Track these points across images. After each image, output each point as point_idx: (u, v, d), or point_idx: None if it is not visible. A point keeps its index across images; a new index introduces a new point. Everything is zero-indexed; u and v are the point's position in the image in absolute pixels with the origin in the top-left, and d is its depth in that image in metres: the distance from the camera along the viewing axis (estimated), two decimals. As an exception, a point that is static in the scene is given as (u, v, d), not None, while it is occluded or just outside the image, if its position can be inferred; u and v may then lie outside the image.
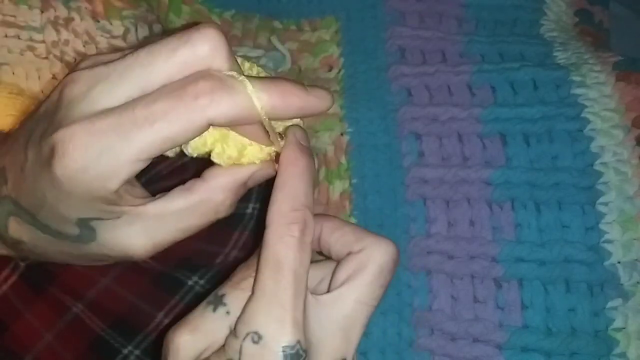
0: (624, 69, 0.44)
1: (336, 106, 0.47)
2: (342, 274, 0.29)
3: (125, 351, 0.47)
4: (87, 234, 0.29)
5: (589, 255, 0.40)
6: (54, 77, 0.51)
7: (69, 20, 0.52)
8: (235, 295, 0.28)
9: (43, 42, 0.51)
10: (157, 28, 0.55)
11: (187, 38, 0.26)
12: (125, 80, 0.26)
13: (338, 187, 0.46)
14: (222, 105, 0.26)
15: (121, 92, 0.26)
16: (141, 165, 0.27)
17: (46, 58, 0.51)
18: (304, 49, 0.50)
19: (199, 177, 0.30)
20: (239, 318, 0.27)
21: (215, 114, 0.25)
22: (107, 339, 0.47)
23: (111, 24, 0.52)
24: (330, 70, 0.49)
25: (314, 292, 0.29)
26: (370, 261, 0.29)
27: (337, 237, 0.30)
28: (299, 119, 0.31)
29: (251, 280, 0.28)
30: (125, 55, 0.27)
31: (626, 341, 0.39)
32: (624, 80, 0.44)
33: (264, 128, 0.28)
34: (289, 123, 0.31)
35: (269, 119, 0.27)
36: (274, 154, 0.30)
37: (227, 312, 0.28)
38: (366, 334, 0.41)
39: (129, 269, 0.49)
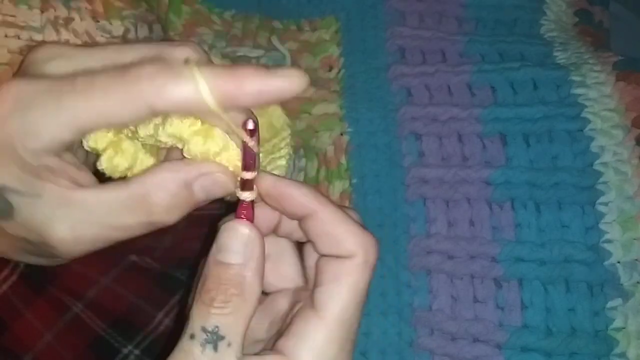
0: (624, 69, 0.44)
1: (336, 106, 0.47)
2: (327, 275, 0.27)
3: (125, 351, 0.47)
4: (3, 207, 0.26)
5: (589, 255, 0.40)
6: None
7: (69, 20, 0.52)
8: (227, 322, 0.26)
9: (43, 42, 0.51)
10: (157, 28, 0.55)
11: (158, 44, 0.26)
12: (80, 57, 0.26)
13: (338, 187, 0.46)
14: (165, 91, 0.24)
15: (72, 67, 0.25)
16: (68, 137, 0.25)
17: (46, 58, 0.51)
18: (304, 49, 0.50)
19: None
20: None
21: (156, 99, 0.24)
22: (107, 338, 0.47)
23: (111, 24, 0.52)
24: (330, 70, 0.49)
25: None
26: (352, 269, 0.27)
27: (327, 235, 0.28)
28: (276, 106, 0.29)
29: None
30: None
31: (626, 341, 0.39)
32: (624, 80, 0.44)
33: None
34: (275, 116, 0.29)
35: (225, 108, 0.24)
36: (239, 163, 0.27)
37: (229, 345, 0.26)
38: (366, 334, 0.42)
39: (129, 268, 0.49)
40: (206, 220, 0.51)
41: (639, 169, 0.41)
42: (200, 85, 0.23)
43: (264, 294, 0.31)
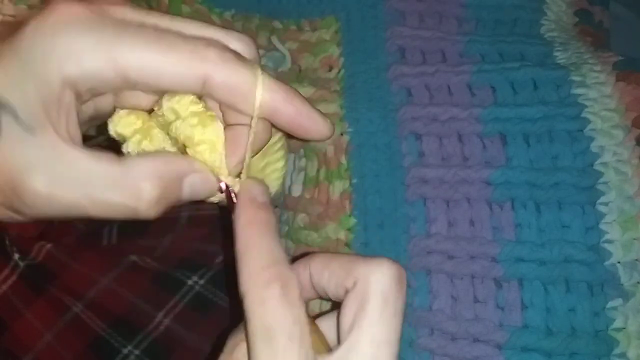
0: (624, 69, 0.44)
1: (336, 106, 0.47)
2: (346, 318, 0.25)
3: (125, 351, 0.47)
4: None
5: (589, 255, 0.40)
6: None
7: (69, 20, 0.52)
8: None
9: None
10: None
11: (222, 29, 0.26)
12: (156, 17, 0.25)
13: (338, 187, 0.46)
14: (226, 68, 0.24)
15: (144, 19, 0.25)
16: (107, 74, 0.23)
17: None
18: (304, 49, 0.50)
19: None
20: None
21: (216, 71, 0.24)
22: (107, 338, 0.47)
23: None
24: (330, 70, 0.49)
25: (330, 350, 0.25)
26: (369, 293, 0.25)
27: (328, 278, 0.26)
28: (280, 135, 0.29)
29: (244, 346, 0.25)
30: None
31: (626, 341, 0.39)
32: (624, 80, 0.44)
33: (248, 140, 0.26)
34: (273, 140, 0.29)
35: (264, 116, 0.26)
36: (223, 186, 0.27)
37: None
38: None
39: (129, 268, 0.49)
40: (206, 220, 0.51)
41: (639, 169, 0.41)
42: (259, 82, 0.25)
43: None
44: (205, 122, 0.26)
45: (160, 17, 0.26)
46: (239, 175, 0.27)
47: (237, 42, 0.26)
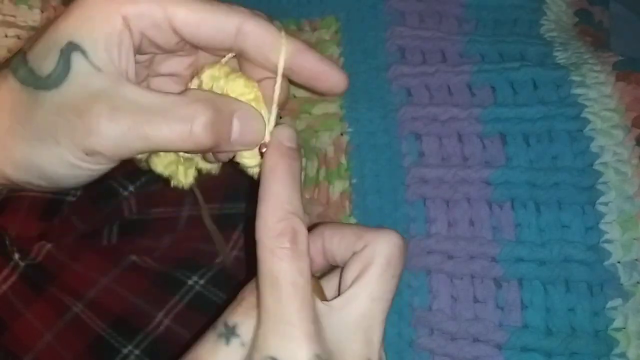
0: (624, 69, 0.44)
1: (336, 106, 0.47)
2: (349, 274, 0.28)
3: (125, 351, 0.47)
4: (61, 69, 0.26)
5: (589, 255, 0.40)
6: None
7: (69, 20, 0.52)
8: (248, 324, 0.27)
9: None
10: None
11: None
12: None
13: (338, 187, 0.46)
14: (258, 20, 0.28)
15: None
16: (156, 21, 0.27)
17: (46, 58, 0.51)
18: (304, 49, 0.50)
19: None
20: (251, 347, 0.26)
21: (249, 21, 0.27)
22: (107, 338, 0.47)
23: None
24: (330, 70, 0.49)
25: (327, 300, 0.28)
26: (375, 255, 0.28)
27: (338, 241, 0.29)
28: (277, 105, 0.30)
29: (251, 300, 0.27)
30: None
31: (626, 341, 0.39)
32: (624, 80, 0.44)
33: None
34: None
35: (287, 63, 0.28)
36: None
37: (242, 344, 0.26)
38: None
39: (129, 268, 0.49)
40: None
41: (639, 169, 0.41)
42: (283, 34, 0.28)
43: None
44: (248, 84, 0.29)
45: None
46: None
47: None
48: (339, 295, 0.28)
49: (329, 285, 0.30)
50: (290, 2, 0.52)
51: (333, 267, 0.31)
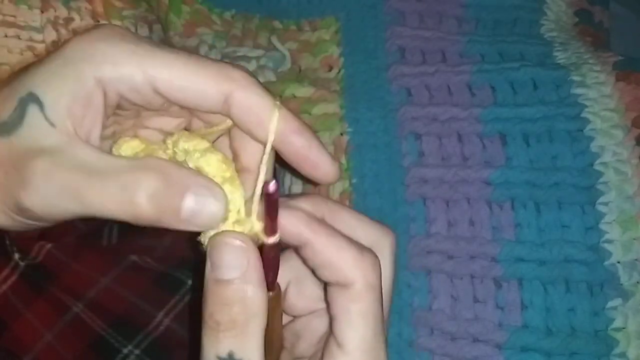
0: (624, 69, 0.44)
1: (336, 106, 0.47)
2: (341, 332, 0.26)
3: (126, 351, 0.47)
4: (16, 118, 0.25)
5: (589, 255, 0.40)
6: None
7: (69, 20, 0.52)
8: None
9: (43, 42, 0.51)
10: (157, 28, 0.55)
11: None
12: None
13: (338, 187, 0.46)
14: (249, 89, 0.26)
15: None
16: (135, 86, 0.25)
17: (46, 58, 0.51)
18: (304, 49, 0.50)
19: None
20: None
21: (239, 90, 0.26)
22: (107, 338, 0.47)
23: (111, 24, 0.52)
24: (330, 70, 0.49)
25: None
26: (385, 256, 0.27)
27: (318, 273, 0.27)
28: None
29: None
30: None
31: (626, 341, 0.39)
32: (624, 80, 0.44)
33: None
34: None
35: (274, 144, 0.26)
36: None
37: None
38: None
39: (129, 268, 0.49)
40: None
41: (639, 168, 0.41)
42: (276, 109, 0.26)
43: (295, 317, 0.31)
44: (235, 183, 0.26)
45: None
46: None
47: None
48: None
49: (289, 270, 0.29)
50: (290, 2, 0.52)
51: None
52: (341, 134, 0.47)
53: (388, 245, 0.29)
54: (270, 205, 0.24)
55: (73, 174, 0.24)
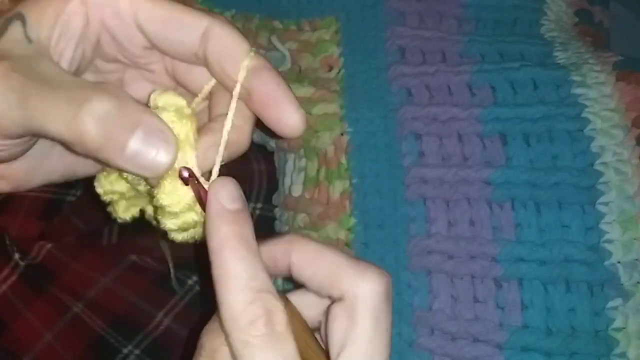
0: (624, 69, 0.44)
1: (336, 106, 0.47)
2: (335, 334, 0.24)
3: (126, 350, 0.47)
4: None
5: (589, 255, 0.40)
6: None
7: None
8: None
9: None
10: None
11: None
12: None
13: (338, 187, 0.46)
14: (226, 26, 0.25)
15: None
16: (121, 9, 0.25)
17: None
18: (304, 49, 0.50)
19: None
20: None
21: (216, 25, 0.25)
22: (107, 338, 0.47)
23: None
24: (330, 70, 0.49)
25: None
26: (359, 311, 0.24)
27: (311, 277, 0.26)
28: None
29: (226, 351, 0.23)
30: None
31: (626, 341, 0.39)
32: (624, 80, 0.44)
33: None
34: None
35: (244, 83, 0.25)
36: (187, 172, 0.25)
37: None
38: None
39: (129, 268, 0.49)
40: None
41: (639, 169, 0.41)
42: (250, 48, 0.25)
43: None
44: (182, 113, 0.25)
45: None
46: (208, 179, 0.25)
47: None
48: (326, 346, 0.25)
49: (312, 311, 0.27)
50: (290, 2, 0.51)
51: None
52: (341, 134, 0.46)
53: (367, 294, 0.24)
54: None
55: (27, 80, 0.23)
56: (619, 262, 0.40)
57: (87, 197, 0.52)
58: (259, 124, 0.27)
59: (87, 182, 0.30)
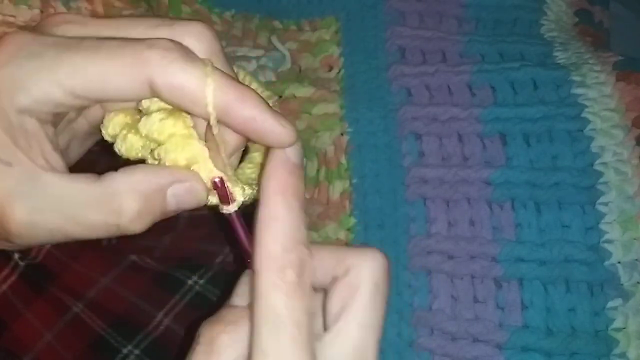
0: (624, 69, 0.44)
1: (336, 106, 0.47)
2: (334, 304, 0.25)
3: (125, 350, 0.47)
4: None
5: (589, 255, 0.40)
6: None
7: (69, 20, 0.52)
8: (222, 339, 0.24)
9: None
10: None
11: (171, 21, 0.25)
12: (99, 25, 0.25)
13: (338, 187, 0.46)
14: (170, 69, 0.23)
15: (87, 32, 0.25)
16: (59, 97, 0.24)
17: (46, 58, 0.51)
18: (304, 49, 0.50)
19: None
20: None
21: (159, 73, 0.23)
22: (107, 338, 0.47)
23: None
24: (330, 70, 0.49)
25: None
26: (361, 281, 0.25)
27: (316, 265, 0.26)
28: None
29: (226, 338, 0.24)
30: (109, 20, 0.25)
31: (626, 341, 0.39)
32: (624, 80, 0.44)
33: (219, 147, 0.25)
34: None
35: (217, 118, 0.24)
36: (218, 181, 0.26)
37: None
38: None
39: (129, 268, 0.49)
40: (206, 220, 0.51)
41: (639, 169, 0.41)
42: (208, 83, 0.23)
43: None
44: (187, 141, 0.25)
45: (102, 23, 0.25)
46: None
47: (187, 37, 0.25)
48: (325, 327, 0.25)
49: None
50: (290, 2, 0.51)
51: None
52: (341, 134, 0.46)
53: (370, 265, 0.25)
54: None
55: (56, 216, 0.24)
56: (618, 262, 0.40)
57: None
58: None
59: None
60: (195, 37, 0.25)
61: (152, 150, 0.26)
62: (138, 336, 0.47)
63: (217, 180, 0.25)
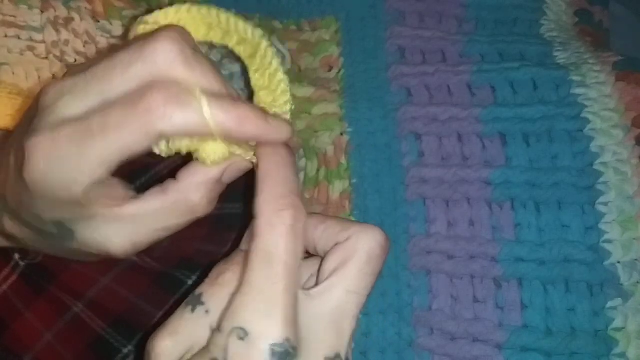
0: (624, 69, 0.44)
1: (336, 106, 0.47)
2: (329, 264, 0.28)
3: (125, 350, 0.47)
4: (64, 233, 0.30)
5: (588, 255, 0.40)
6: (54, 77, 0.51)
7: (69, 20, 0.52)
8: (212, 293, 0.28)
9: (43, 42, 0.51)
10: (157, 28, 0.55)
11: (140, 52, 0.26)
12: (86, 92, 0.27)
13: (338, 187, 0.46)
14: (174, 120, 0.26)
15: (83, 104, 0.27)
16: (104, 171, 0.27)
17: (46, 58, 0.51)
18: (304, 49, 0.50)
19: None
20: (223, 313, 0.26)
21: (167, 127, 0.26)
22: (107, 338, 0.47)
23: (111, 24, 0.52)
24: (330, 70, 0.49)
25: (304, 288, 0.28)
26: (357, 249, 0.28)
27: (322, 231, 0.29)
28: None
29: (229, 275, 0.27)
30: (90, 66, 0.27)
31: (626, 341, 0.39)
32: (624, 80, 0.44)
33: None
34: None
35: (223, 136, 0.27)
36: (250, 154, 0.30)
37: (207, 311, 0.27)
38: (366, 334, 0.42)
39: (129, 268, 0.49)
40: (206, 220, 0.51)
41: (639, 168, 0.41)
42: (209, 120, 0.26)
43: None
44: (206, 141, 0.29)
45: (91, 85, 0.28)
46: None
47: (170, 68, 0.27)
48: (317, 283, 0.28)
49: (304, 272, 0.30)
50: (290, 2, 0.52)
51: (310, 255, 0.31)
52: (341, 134, 0.47)
53: (370, 234, 0.29)
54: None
55: (150, 233, 0.30)
56: (618, 262, 0.40)
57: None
58: None
59: None
60: (163, 55, 0.27)
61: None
62: (138, 336, 0.47)
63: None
